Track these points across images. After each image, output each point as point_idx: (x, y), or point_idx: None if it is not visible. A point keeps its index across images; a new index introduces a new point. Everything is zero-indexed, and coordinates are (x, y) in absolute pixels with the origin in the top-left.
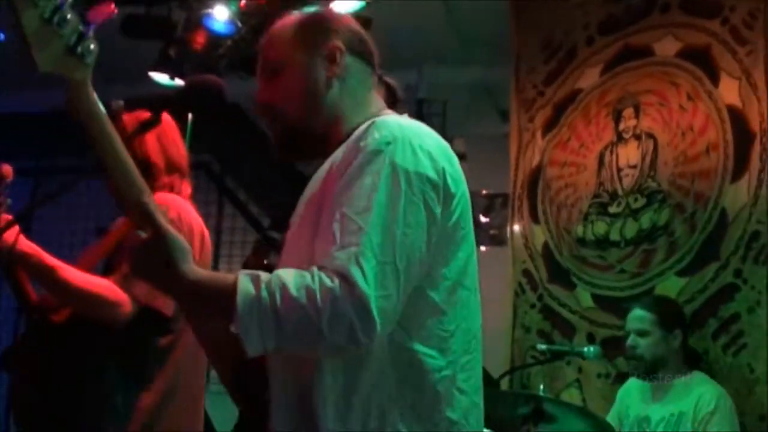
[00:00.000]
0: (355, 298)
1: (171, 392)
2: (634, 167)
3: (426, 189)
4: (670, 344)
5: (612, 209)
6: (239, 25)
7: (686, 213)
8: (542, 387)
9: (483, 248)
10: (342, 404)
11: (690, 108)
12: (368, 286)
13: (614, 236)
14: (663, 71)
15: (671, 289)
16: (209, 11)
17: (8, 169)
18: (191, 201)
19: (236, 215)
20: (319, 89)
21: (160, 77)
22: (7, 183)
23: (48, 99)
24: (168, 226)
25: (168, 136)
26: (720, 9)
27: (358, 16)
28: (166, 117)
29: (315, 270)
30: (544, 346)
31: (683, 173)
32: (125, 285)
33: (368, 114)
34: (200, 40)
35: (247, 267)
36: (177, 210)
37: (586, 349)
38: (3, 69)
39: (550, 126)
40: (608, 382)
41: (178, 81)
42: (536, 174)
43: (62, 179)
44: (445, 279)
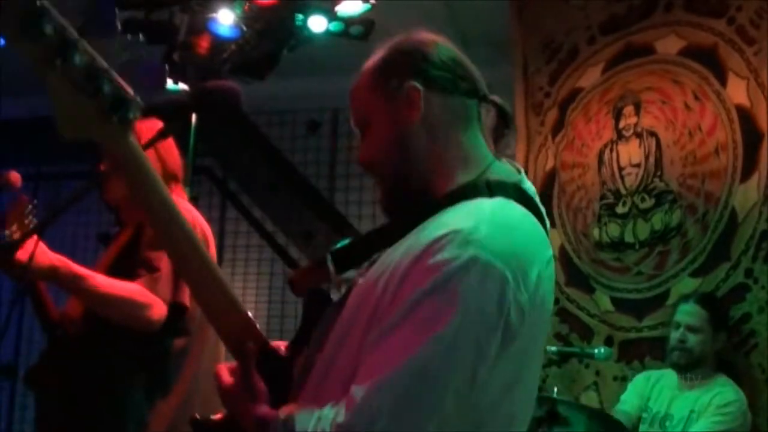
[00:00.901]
0: None
1: (190, 396)
2: (637, 166)
3: (480, 331)
4: (716, 344)
5: (619, 209)
6: (244, 29)
7: (698, 214)
8: (556, 390)
9: None
10: None
11: (697, 108)
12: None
13: (628, 238)
14: (665, 69)
15: (685, 290)
16: (214, 15)
17: (17, 177)
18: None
19: (239, 219)
20: (405, 139)
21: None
22: (16, 190)
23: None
24: (255, 379)
25: (164, 144)
26: (726, 8)
27: (361, 18)
28: (157, 122)
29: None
30: (554, 348)
31: (693, 174)
32: (153, 286)
33: (476, 170)
34: (204, 45)
35: (293, 285)
36: (191, 216)
37: (597, 351)
38: (2, 75)
39: (558, 127)
40: (624, 385)
41: (182, 86)
42: (551, 177)
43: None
44: (511, 424)
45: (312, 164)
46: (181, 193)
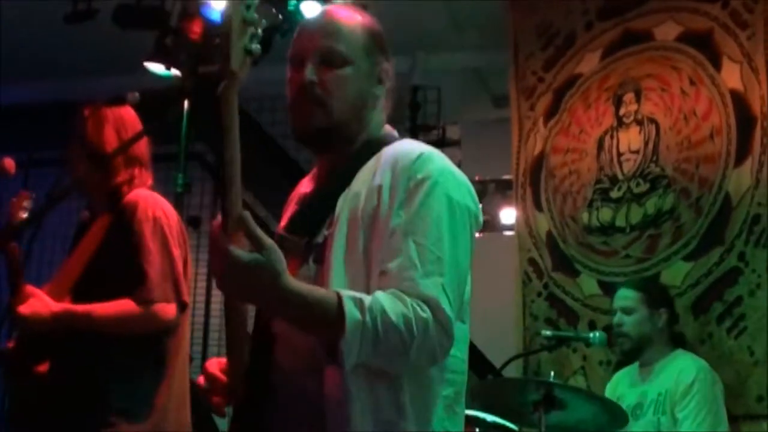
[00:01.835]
0: (442, 324)
1: (176, 384)
2: (636, 152)
3: (471, 220)
4: (655, 323)
5: (614, 194)
6: None
7: (691, 198)
8: (552, 374)
9: (477, 234)
10: (409, 405)
11: (692, 93)
12: (452, 311)
13: (619, 222)
14: (664, 56)
15: (677, 274)
16: (206, 0)
17: (11, 163)
18: (152, 190)
19: None
20: (366, 104)
21: (156, 67)
22: (11, 176)
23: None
24: (268, 238)
25: (127, 129)
26: None
27: (355, 3)
28: (127, 109)
29: (405, 297)
30: (549, 332)
31: (688, 158)
32: (146, 294)
33: (379, 131)
34: (197, 30)
35: None
36: (161, 207)
37: (592, 335)
38: None
39: (552, 113)
40: (610, 370)
41: (174, 71)
42: (539, 162)
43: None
44: (466, 294)
45: (303, 149)
46: (147, 179)
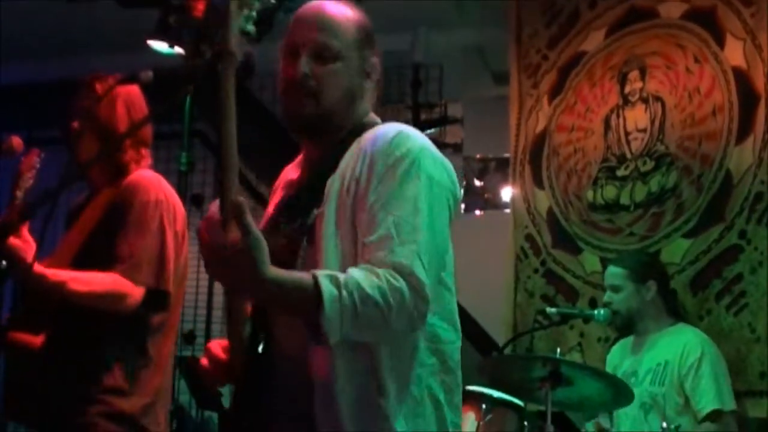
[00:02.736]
0: (416, 290)
1: (166, 372)
2: (644, 131)
3: (448, 196)
4: (644, 296)
5: (620, 172)
6: None
7: (693, 175)
8: (559, 350)
9: (478, 212)
10: (392, 374)
11: (696, 70)
12: (426, 278)
13: (624, 200)
14: (669, 33)
15: (677, 251)
16: None
17: (19, 142)
18: (153, 169)
19: None
20: (356, 98)
21: (159, 45)
22: (18, 155)
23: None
24: (255, 228)
25: (136, 108)
26: None
27: None
28: (134, 88)
29: (379, 270)
30: (554, 309)
31: (691, 135)
32: (131, 274)
33: (365, 116)
34: (200, 7)
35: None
36: (164, 190)
37: (596, 312)
38: None
39: (557, 91)
40: (607, 346)
41: (178, 49)
42: (541, 140)
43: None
44: (449, 264)
45: None
46: (148, 158)
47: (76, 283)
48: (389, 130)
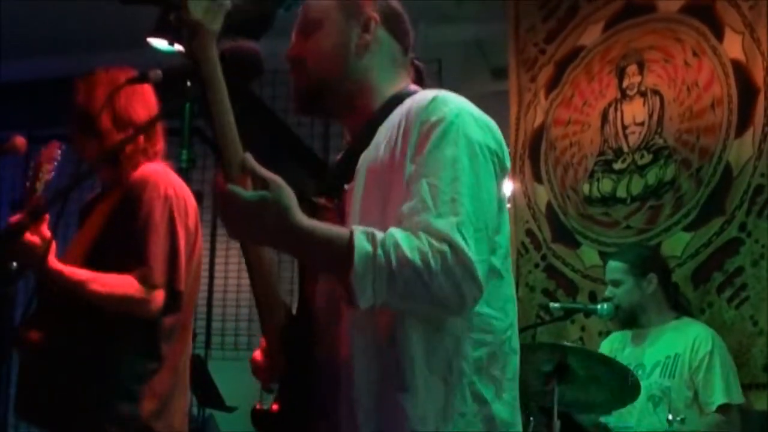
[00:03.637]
0: (464, 264)
1: (179, 374)
2: (641, 124)
3: (494, 160)
4: (645, 290)
5: (617, 166)
6: None
7: (692, 168)
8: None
9: None
10: (425, 368)
11: (695, 64)
12: (472, 253)
13: (621, 193)
14: (667, 27)
15: (677, 245)
16: None
17: (22, 141)
18: (164, 159)
19: None
20: (349, 52)
21: (159, 43)
22: (21, 154)
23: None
24: (275, 176)
25: (150, 102)
26: None
27: None
28: (128, 72)
29: (420, 233)
30: (558, 305)
31: (689, 129)
32: (147, 278)
33: (399, 89)
34: None
35: None
36: (172, 185)
37: (600, 307)
38: None
39: (553, 84)
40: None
41: (178, 47)
42: (539, 134)
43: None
44: (500, 246)
45: (306, 124)
46: (158, 151)
47: (97, 284)
48: (425, 97)
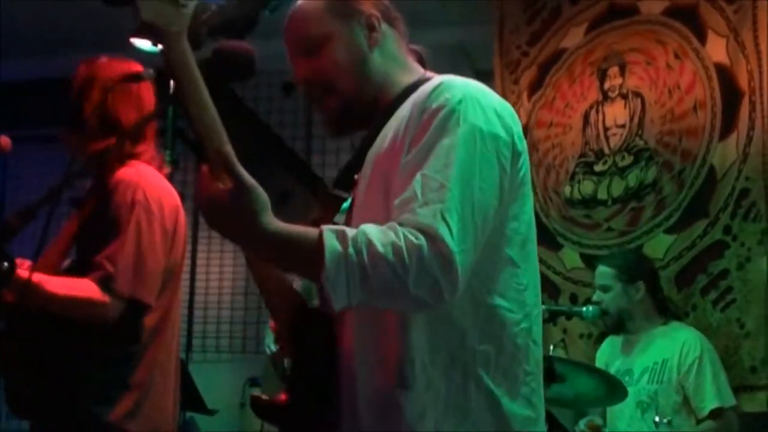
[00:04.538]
0: (442, 255)
1: (158, 372)
2: (623, 126)
3: (498, 147)
4: (632, 296)
5: (598, 167)
6: None
7: (674, 170)
8: (552, 347)
9: None
10: (427, 363)
11: (677, 66)
12: (453, 242)
13: (602, 195)
14: (649, 29)
15: (660, 247)
16: None
17: (7, 141)
18: (156, 163)
19: None
20: (365, 57)
21: (142, 44)
22: (6, 153)
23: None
24: (248, 176)
25: (144, 102)
26: None
27: None
28: (128, 66)
29: (398, 227)
30: (544, 306)
31: (671, 131)
32: (107, 283)
33: (415, 76)
34: None
35: (320, 224)
36: (141, 191)
37: (585, 309)
38: None
39: (536, 87)
40: (590, 342)
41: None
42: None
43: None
44: (517, 234)
45: (288, 126)
46: (147, 152)
47: (53, 285)
48: (431, 83)
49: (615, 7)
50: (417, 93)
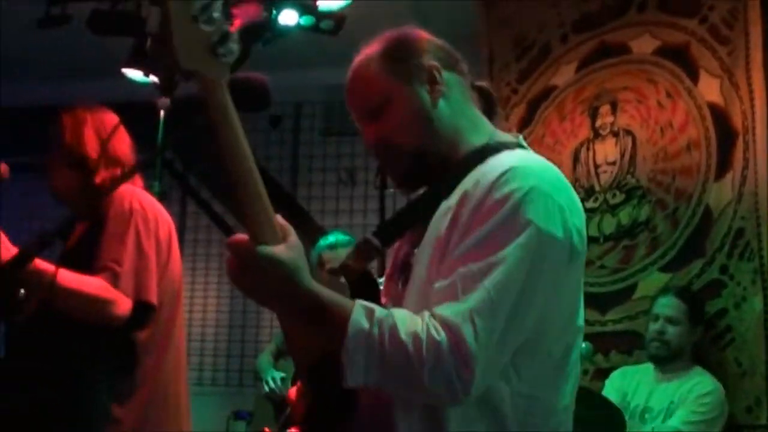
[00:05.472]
0: (460, 355)
1: (161, 389)
2: (613, 164)
3: (558, 249)
4: (691, 338)
5: (588, 204)
6: None
7: (668, 209)
8: None
9: None
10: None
11: (669, 105)
12: (477, 346)
13: (592, 232)
14: (640, 69)
15: (654, 285)
16: None
17: (5, 168)
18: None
19: (199, 214)
20: (430, 113)
21: (134, 74)
22: (4, 180)
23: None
24: (295, 239)
25: (107, 131)
26: (699, 8)
27: (333, 14)
28: (110, 114)
29: (428, 317)
30: None
31: (664, 170)
32: (115, 282)
33: (484, 137)
34: None
35: (347, 270)
36: (138, 199)
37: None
38: None
39: (525, 124)
40: (587, 379)
41: (153, 78)
42: None
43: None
44: (565, 333)
45: (274, 159)
46: (136, 181)
47: (66, 279)
48: (501, 165)
49: (606, 46)
50: (484, 169)
